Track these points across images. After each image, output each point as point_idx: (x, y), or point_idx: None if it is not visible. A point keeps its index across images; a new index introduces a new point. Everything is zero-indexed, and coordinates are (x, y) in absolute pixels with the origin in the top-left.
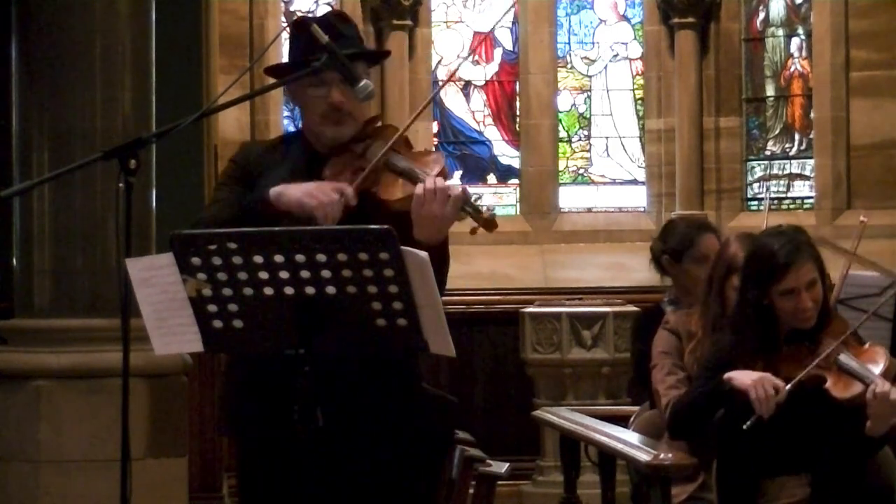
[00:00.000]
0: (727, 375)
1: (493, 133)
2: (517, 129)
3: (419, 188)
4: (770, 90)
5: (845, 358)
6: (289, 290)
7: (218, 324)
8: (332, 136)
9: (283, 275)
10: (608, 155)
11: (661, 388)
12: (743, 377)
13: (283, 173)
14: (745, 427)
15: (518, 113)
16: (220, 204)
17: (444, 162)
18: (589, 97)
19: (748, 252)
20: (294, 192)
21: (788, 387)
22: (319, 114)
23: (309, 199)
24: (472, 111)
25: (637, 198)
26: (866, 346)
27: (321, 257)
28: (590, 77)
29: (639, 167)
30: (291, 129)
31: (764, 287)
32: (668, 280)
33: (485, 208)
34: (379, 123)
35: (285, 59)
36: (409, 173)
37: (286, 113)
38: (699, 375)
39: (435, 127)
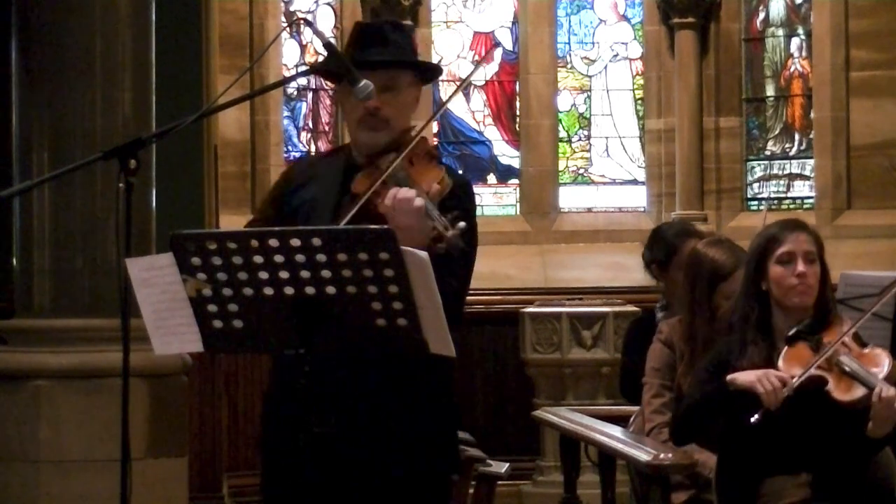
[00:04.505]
0: (730, 377)
1: (493, 133)
2: (517, 129)
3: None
4: (770, 90)
5: (847, 360)
6: (289, 290)
7: (218, 324)
8: (367, 143)
9: (283, 275)
10: (608, 155)
11: (647, 411)
12: (746, 375)
13: (316, 188)
14: (752, 421)
15: (518, 113)
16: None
17: (445, 178)
18: (589, 97)
19: (750, 243)
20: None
21: (795, 380)
22: (357, 119)
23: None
24: (472, 111)
25: (637, 198)
26: (868, 348)
27: (321, 257)
28: (590, 77)
29: (639, 167)
30: (291, 129)
31: (763, 259)
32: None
33: (448, 228)
34: (413, 133)
35: (285, 59)
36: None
37: (286, 113)
38: (700, 379)
39: (435, 127)
